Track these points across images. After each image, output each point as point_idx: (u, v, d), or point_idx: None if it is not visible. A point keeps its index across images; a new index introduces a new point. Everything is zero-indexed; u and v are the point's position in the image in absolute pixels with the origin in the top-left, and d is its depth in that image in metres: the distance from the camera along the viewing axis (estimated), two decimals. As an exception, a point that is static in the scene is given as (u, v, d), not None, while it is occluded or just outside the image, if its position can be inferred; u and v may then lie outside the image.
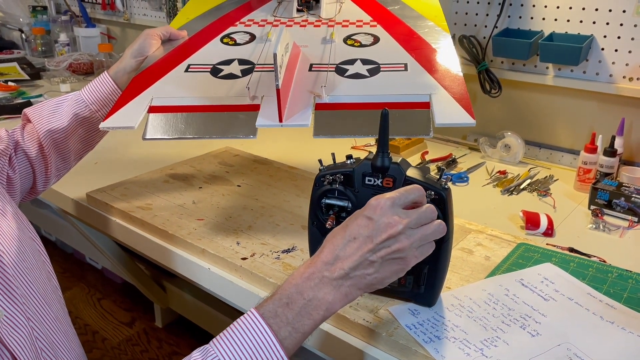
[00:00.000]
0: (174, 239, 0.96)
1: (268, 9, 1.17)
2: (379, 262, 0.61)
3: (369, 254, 0.61)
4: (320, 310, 0.61)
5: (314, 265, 0.62)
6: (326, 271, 0.61)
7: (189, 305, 1.72)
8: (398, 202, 0.63)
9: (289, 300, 0.60)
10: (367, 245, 0.61)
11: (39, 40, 2.35)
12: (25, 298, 0.66)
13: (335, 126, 0.82)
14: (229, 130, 0.84)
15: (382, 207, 0.62)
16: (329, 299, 0.61)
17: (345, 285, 0.61)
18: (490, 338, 0.70)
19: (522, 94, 1.40)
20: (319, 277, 0.61)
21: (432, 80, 0.88)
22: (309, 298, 0.60)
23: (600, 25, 1.22)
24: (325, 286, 0.61)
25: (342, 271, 0.61)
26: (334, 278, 0.61)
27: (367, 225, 0.62)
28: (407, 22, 1.07)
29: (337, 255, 0.62)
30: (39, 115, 0.94)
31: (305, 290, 0.61)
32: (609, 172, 1.17)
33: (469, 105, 0.81)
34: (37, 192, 0.97)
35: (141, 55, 0.99)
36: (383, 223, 0.61)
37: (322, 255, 0.62)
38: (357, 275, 0.61)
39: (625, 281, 0.82)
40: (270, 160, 1.29)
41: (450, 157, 1.36)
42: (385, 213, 0.62)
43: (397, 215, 0.62)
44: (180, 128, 0.84)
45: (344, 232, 0.63)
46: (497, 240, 0.95)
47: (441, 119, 0.79)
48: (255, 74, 0.94)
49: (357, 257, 0.61)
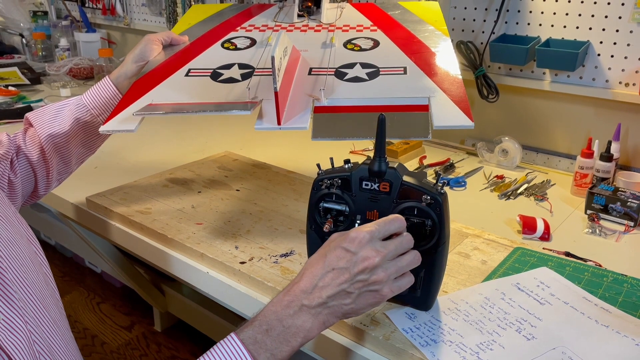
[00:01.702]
0: (173, 243, 0.96)
1: (269, 14, 1.18)
2: (356, 293, 0.64)
3: (345, 284, 0.63)
4: (299, 337, 0.63)
5: (293, 293, 0.64)
6: (305, 299, 0.63)
7: (187, 309, 1.72)
8: (377, 235, 0.65)
9: (269, 327, 0.62)
10: (344, 276, 0.63)
11: (39, 45, 2.37)
12: (23, 302, 0.66)
13: (334, 129, 0.82)
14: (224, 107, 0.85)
15: (361, 240, 0.64)
16: (307, 326, 0.63)
17: (323, 313, 0.64)
18: (487, 342, 0.70)
19: (519, 99, 1.40)
20: (298, 305, 0.63)
21: (431, 83, 0.89)
22: (287, 325, 0.63)
23: (597, 31, 1.23)
24: (304, 314, 0.63)
25: (320, 299, 0.63)
26: (313, 306, 0.63)
27: (345, 257, 0.64)
28: (407, 26, 1.08)
29: (316, 284, 0.64)
30: (41, 120, 0.95)
31: (284, 317, 0.63)
32: (606, 177, 1.18)
33: (468, 108, 0.81)
34: (38, 196, 0.98)
35: (142, 60, 1.00)
36: (360, 256, 0.63)
37: (301, 284, 0.64)
38: (335, 304, 0.64)
39: (620, 285, 0.83)
40: (268, 164, 1.30)
41: (448, 162, 1.36)
42: (363, 246, 0.64)
43: (375, 248, 0.64)
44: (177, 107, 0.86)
45: (323, 262, 0.65)
46: (494, 244, 0.96)
47: (440, 121, 0.80)
48: (254, 77, 0.94)
49: (335, 287, 0.63)
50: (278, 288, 0.82)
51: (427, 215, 0.70)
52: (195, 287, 0.95)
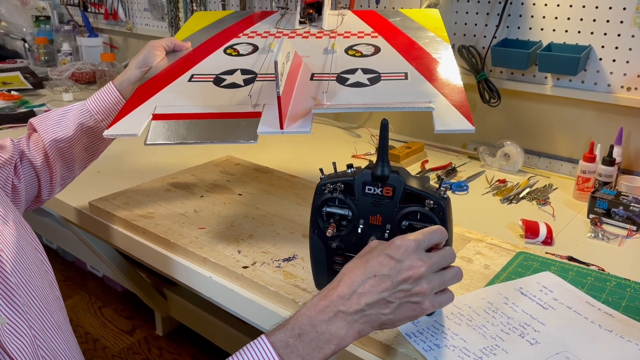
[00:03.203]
0: (175, 247, 0.97)
1: (271, 21, 1.19)
2: (397, 303, 0.61)
3: (386, 292, 0.61)
4: (332, 344, 0.60)
5: (329, 298, 0.61)
6: (342, 305, 0.61)
7: (189, 314, 1.72)
8: (422, 245, 0.63)
9: (301, 331, 0.60)
10: (386, 284, 0.61)
11: (41, 50, 2.37)
12: (27, 306, 0.66)
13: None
14: (230, 136, 0.84)
15: (407, 249, 0.62)
16: (341, 334, 0.60)
17: (360, 321, 0.61)
18: (490, 346, 0.70)
19: (521, 103, 1.41)
20: (334, 311, 0.61)
21: (432, 88, 0.89)
22: (321, 331, 0.60)
23: (598, 36, 1.23)
24: (339, 321, 0.60)
25: (358, 306, 0.60)
26: (350, 313, 0.60)
27: (389, 264, 0.62)
28: (407, 33, 1.08)
29: (355, 290, 0.61)
30: (45, 125, 0.95)
31: (318, 323, 0.60)
32: (608, 181, 1.18)
33: (468, 113, 0.82)
34: (42, 200, 0.98)
35: (146, 66, 1.00)
36: (406, 265, 0.61)
37: (339, 289, 0.61)
38: (373, 313, 0.61)
39: (623, 290, 0.82)
40: (271, 169, 1.30)
41: (450, 166, 1.37)
42: (409, 255, 0.62)
43: (421, 259, 0.62)
44: (182, 134, 0.85)
45: (365, 268, 0.62)
46: (497, 248, 0.96)
47: (441, 125, 0.80)
48: (257, 83, 0.95)
49: (375, 295, 0.61)
50: (280, 292, 0.82)
51: (430, 220, 0.70)
52: (198, 292, 0.95)
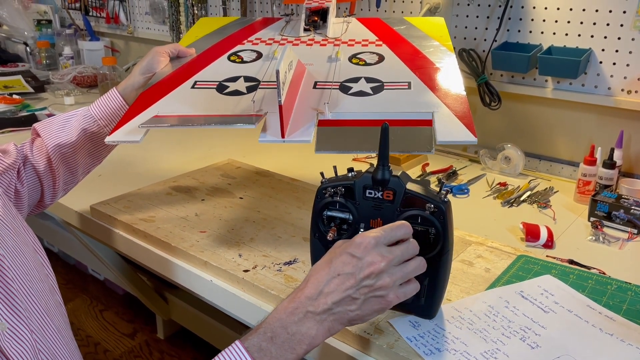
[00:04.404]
0: (176, 251, 0.97)
1: (276, 28, 1.19)
2: (362, 299, 0.63)
3: (351, 290, 0.63)
4: (304, 344, 0.62)
5: (298, 300, 0.64)
6: (310, 306, 0.63)
7: (190, 317, 1.72)
8: (382, 241, 0.65)
9: (273, 334, 0.62)
10: (350, 282, 0.63)
11: (43, 54, 2.38)
12: (28, 312, 0.66)
13: (337, 142, 0.83)
14: (229, 120, 0.85)
15: (367, 246, 0.64)
16: (312, 333, 0.63)
17: (329, 320, 0.63)
18: (491, 350, 0.70)
19: (521, 106, 1.41)
20: (303, 312, 0.63)
21: (435, 98, 0.89)
22: (292, 332, 0.62)
23: (599, 39, 1.23)
24: (309, 321, 0.63)
25: (326, 306, 0.63)
26: (318, 313, 0.63)
27: (351, 262, 0.64)
28: (412, 41, 1.08)
29: (321, 290, 0.63)
30: (48, 130, 0.95)
31: (289, 325, 0.62)
32: (609, 184, 1.18)
33: (471, 123, 0.82)
34: (45, 205, 0.98)
35: (149, 72, 1.00)
36: (366, 261, 0.63)
37: (306, 290, 0.64)
38: (340, 310, 0.63)
39: (624, 293, 0.82)
40: (272, 172, 1.30)
41: (450, 169, 1.37)
42: (368, 252, 0.64)
43: (380, 254, 0.64)
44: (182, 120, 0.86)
45: (328, 268, 0.64)
46: (497, 252, 0.96)
47: (443, 136, 0.80)
48: (259, 91, 0.95)
49: (340, 293, 0.63)
50: (281, 296, 0.82)
51: (431, 224, 0.70)
52: (199, 295, 0.95)
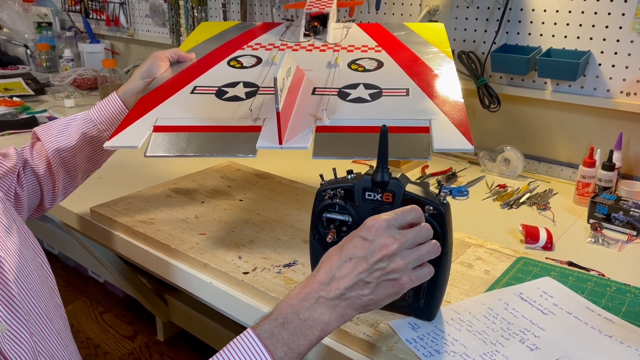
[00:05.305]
0: (176, 253, 0.97)
1: (276, 33, 1.19)
2: (374, 283, 0.62)
3: (364, 274, 0.62)
4: (316, 330, 0.61)
5: (310, 286, 0.63)
6: (322, 291, 0.62)
7: (190, 319, 1.72)
8: (394, 223, 0.63)
9: (285, 320, 0.61)
10: (362, 266, 0.62)
11: (43, 56, 2.39)
12: (28, 314, 0.67)
13: (334, 148, 0.83)
14: (229, 149, 0.85)
15: (378, 228, 0.63)
16: (324, 319, 0.61)
17: (341, 305, 0.62)
18: (490, 352, 0.70)
19: (521, 108, 1.41)
20: (315, 297, 0.62)
21: (432, 105, 0.89)
22: (304, 318, 0.61)
23: (597, 41, 1.24)
24: (321, 306, 0.62)
25: (338, 291, 0.62)
26: (330, 298, 0.62)
27: (363, 245, 0.63)
28: (411, 47, 1.08)
29: (333, 275, 0.62)
30: (48, 134, 0.95)
31: (301, 310, 0.61)
32: (608, 186, 1.18)
33: (468, 131, 0.82)
34: (44, 209, 0.98)
35: (149, 77, 1.01)
36: (378, 244, 0.62)
37: (318, 276, 0.63)
38: (353, 295, 0.62)
39: (623, 295, 0.83)
40: (272, 174, 1.30)
41: (450, 171, 1.37)
42: (380, 234, 0.62)
43: (392, 236, 0.63)
44: (182, 146, 0.86)
45: (340, 253, 0.63)
46: (497, 254, 0.96)
47: (440, 144, 0.81)
48: (258, 96, 0.95)
49: (353, 277, 0.62)
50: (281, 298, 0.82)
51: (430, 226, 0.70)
52: (199, 297, 0.95)
